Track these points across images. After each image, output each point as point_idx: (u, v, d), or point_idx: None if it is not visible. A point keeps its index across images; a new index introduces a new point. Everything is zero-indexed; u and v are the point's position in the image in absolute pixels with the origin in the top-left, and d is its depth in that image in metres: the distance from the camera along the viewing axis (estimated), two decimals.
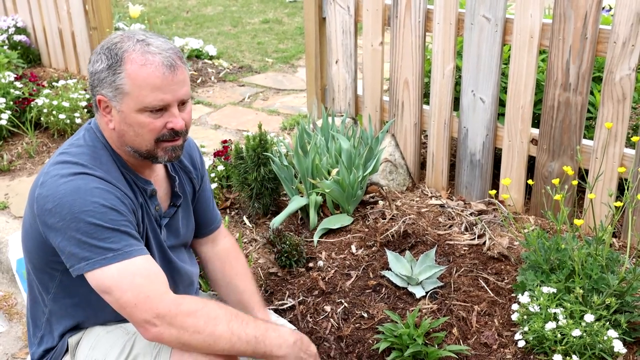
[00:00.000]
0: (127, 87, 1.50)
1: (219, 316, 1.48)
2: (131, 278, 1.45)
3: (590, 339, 1.88)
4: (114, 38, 1.54)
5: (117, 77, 1.49)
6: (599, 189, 2.62)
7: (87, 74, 1.58)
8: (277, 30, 6.93)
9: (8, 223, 3.28)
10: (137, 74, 1.49)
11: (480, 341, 2.12)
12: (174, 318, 1.43)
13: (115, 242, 1.46)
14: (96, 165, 1.54)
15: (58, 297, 1.66)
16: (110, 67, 1.50)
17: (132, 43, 1.51)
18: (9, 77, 4.30)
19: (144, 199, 1.66)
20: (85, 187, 1.47)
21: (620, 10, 2.37)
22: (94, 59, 1.54)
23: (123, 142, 1.59)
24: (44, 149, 4.04)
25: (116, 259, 1.45)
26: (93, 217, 1.45)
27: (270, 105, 4.76)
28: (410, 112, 3.13)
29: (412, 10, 2.93)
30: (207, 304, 1.50)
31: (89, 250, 1.45)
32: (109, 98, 1.53)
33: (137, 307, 1.43)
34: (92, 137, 1.61)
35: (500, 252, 2.52)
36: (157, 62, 1.49)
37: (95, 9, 4.74)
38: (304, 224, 2.87)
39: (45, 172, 1.54)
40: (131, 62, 1.49)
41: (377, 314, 2.26)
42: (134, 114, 1.52)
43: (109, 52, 1.51)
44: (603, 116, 2.54)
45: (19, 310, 2.70)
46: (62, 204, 1.45)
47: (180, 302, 1.46)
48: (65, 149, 1.59)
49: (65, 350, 1.71)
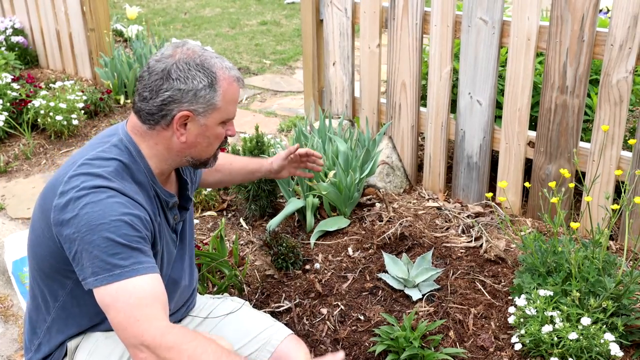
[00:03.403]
0: (220, 103, 1.58)
1: (205, 353, 1.44)
2: (127, 298, 1.42)
3: (587, 342, 1.88)
4: (194, 54, 1.57)
5: (215, 94, 1.57)
6: (596, 192, 2.62)
7: (167, 90, 1.54)
8: (275, 32, 6.93)
9: (4, 225, 3.27)
10: (228, 90, 1.59)
11: (477, 344, 2.12)
12: (158, 349, 1.40)
13: (124, 258, 1.44)
14: (120, 180, 1.53)
15: (67, 306, 1.64)
16: (211, 85, 1.56)
17: (215, 60, 1.59)
18: (6, 79, 4.29)
19: (163, 213, 1.66)
20: (106, 201, 1.46)
21: (618, 12, 2.37)
22: (184, 75, 1.54)
23: (186, 154, 1.63)
24: (40, 150, 4.04)
25: (121, 276, 1.43)
26: (108, 231, 1.43)
27: (268, 107, 4.75)
28: (408, 115, 3.12)
29: (410, 13, 2.93)
30: (196, 337, 1.45)
31: (98, 265, 1.43)
32: (196, 113, 1.57)
33: (126, 331, 1.41)
34: (121, 151, 1.58)
35: (497, 255, 2.52)
36: (237, 77, 1.61)
37: (92, 10, 4.74)
38: (300, 226, 2.87)
39: (64, 181, 1.51)
40: (224, 80, 1.58)
41: (374, 317, 2.26)
42: (216, 126, 1.61)
43: (204, 69, 1.55)
44: (600, 119, 2.54)
45: (14, 312, 2.69)
46: (80, 215, 1.44)
47: (167, 332, 1.42)
48: (88, 160, 1.55)
49: (64, 354, 1.70)
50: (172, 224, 1.71)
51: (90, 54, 4.90)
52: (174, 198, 1.69)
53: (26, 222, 3.30)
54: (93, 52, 4.88)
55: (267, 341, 1.84)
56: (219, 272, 2.55)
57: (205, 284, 2.46)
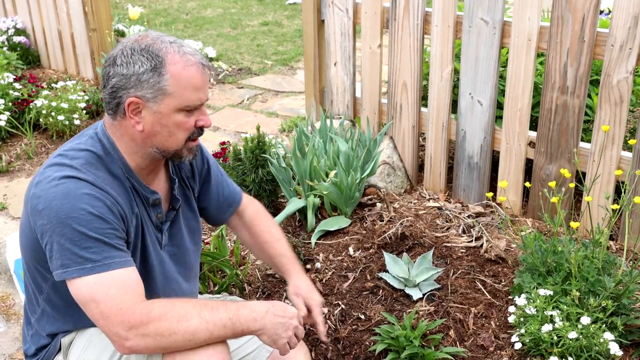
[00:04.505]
0: (171, 88, 1.51)
1: (188, 311, 1.46)
2: (106, 289, 1.43)
3: (587, 341, 1.88)
4: (143, 40, 1.53)
5: (162, 79, 1.50)
6: (596, 192, 2.62)
7: (113, 77, 1.53)
8: (277, 32, 6.94)
9: (6, 224, 3.28)
10: (181, 74, 1.51)
11: (477, 343, 2.12)
12: (147, 326, 1.42)
13: (96, 252, 1.45)
14: (91, 171, 1.52)
15: (50, 298, 1.65)
16: (155, 69, 1.50)
17: (167, 44, 1.52)
18: (8, 78, 4.30)
19: (144, 208, 1.65)
20: (75, 192, 1.46)
21: (618, 13, 2.37)
22: (126, 60, 1.51)
23: (149, 144, 1.58)
24: (42, 150, 4.05)
25: (94, 270, 1.44)
26: (78, 224, 1.44)
27: (269, 107, 4.76)
28: (409, 115, 3.13)
29: (411, 13, 2.94)
30: (174, 303, 1.48)
31: (69, 257, 1.44)
32: (145, 99, 1.52)
33: (109, 320, 1.42)
34: (95, 142, 1.59)
35: (497, 255, 2.53)
36: (196, 62, 1.53)
37: (94, 10, 4.75)
38: (301, 226, 2.87)
39: (41, 172, 1.53)
40: (174, 63, 1.50)
41: (374, 316, 2.26)
42: (172, 114, 1.54)
43: (148, 53, 1.50)
44: (600, 119, 2.54)
45: (16, 310, 2.70)
46: (51, 206, 1.45)
47: (150, 308, 1.44)
48: (63, 151, 1.57)
49: (58, 349, 1.71)
50: (154, 222, 1.69)
51: (92, 54, 4.91)
52: (156, 195, 1.66)
53: None
54: (95, 52, 4.89)
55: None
56: (220, 272, 2.56)
57: (207, 283, 2.47)
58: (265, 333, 1.55)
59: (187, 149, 1.62)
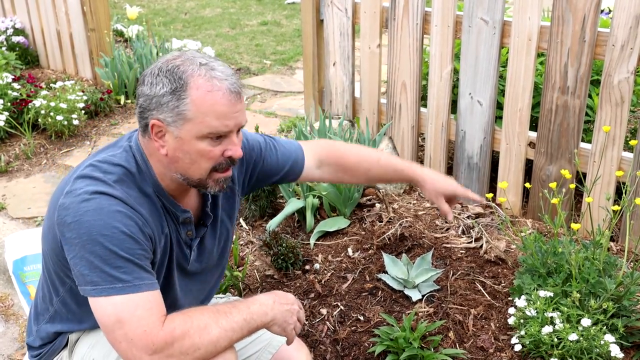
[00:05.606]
0: (191, 114, 1.43)
1: (207, 322, 1.44)
2: (133, 310, 1.40)
3: (587, 343, 1.87)
4: (174, 60, 1.47)
5: (181, 103, 1.43)
6: (597, 193, 2.61)
7: (140, 96, 1.48)
8: (276, 32, 6.93)
9: (5, 224, 3.27)
10: (203, 100, 1.42)
11: (477, 345, 2.12)
12: (171, 347, 1.39)
13: (126, 272, 1.41)
14: (123, 188, 1.48)
15: (66, 301, 1.65)
16: (174, 92, 1.43)
17: (195, 67, 1.44)
18: (7, 79, 4.29)
19: (174, 226, 1.61)
20: (108, 209, 1.42)
21: (619, 13, 2.37)
22: (150, 80, 1.46)
23: (173, 169, 1.52)
24: (41, 150, 4.04)
25: (124, 290, 1.41)
26: (110, 242, 1.40)
27: (268, 107, 4.75)
28: (408, 115, 3.12)
29: (410, 13, 2.93)
30: (192, 316, 1.45)
31: (98, 275, 1.41)
32: (166, 123, 1.45)
33: (133, 343, 1.38)
34: (129, 157, 1.54)
35: (497, 256, 2.52)
36: (224, 89, 1.43)
37: (93, 10, 4.74)
38: (300, 227, 2.87)
39: (69, 179, 1.50)
40: (197, 88, 1.42)
41: (373, 317, 2.25)
42: (193, 141, 1.45)
43: (172, 75, 1.44)
44: (601, 119, 2.53)
45: (15, 311, 2.69)
46: (81, 221, 1.41)
47: (172, 327, 1.41)
48: (96, 162, 1.52)
49: (64, 345, 1.70)
50: (184, 239, 1.65)
51: (91, 54, 4.90)
52: (187, 214, 1.61)
53: (27, 222, 3.30)
54: (93, 52, 4.88)
55: (268, 343, 1.83)
56: None
57: None
58: (276, 323, 1.55)
59: (212, 180, 1.52)
